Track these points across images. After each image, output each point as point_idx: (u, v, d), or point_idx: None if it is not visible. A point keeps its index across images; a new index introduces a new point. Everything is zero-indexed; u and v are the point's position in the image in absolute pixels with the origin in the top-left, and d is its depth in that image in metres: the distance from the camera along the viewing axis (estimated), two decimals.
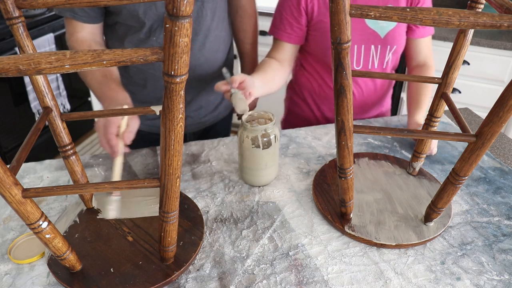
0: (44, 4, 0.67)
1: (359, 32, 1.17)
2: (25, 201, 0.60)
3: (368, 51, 1.20)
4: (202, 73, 1.16)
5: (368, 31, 1.18)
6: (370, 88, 1.27)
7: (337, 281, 0.74)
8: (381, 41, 1.19)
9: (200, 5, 1.06)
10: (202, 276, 0.75)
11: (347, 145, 0.73)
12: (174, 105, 0.54)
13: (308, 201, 0.94)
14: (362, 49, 1.19)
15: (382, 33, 1.18)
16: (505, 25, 0.53)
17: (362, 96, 1.27)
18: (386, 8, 0.55)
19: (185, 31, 0.46)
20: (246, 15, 1.26)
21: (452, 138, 0.73)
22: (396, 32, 1.19)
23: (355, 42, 1.18)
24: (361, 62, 1.21)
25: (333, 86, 0.67)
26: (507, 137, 1.20)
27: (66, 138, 0.80)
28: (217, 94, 1.26)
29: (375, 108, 1.34)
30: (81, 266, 0.75)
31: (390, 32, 1.18)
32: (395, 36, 1.19)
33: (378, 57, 1.22)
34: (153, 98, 1.16)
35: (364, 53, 1.21)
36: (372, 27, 1.17)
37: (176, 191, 0.64)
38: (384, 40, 1.19)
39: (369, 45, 1.19)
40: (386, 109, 1.39)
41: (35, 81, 0.74)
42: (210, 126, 1.32)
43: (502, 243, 0.83)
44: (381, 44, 1.20)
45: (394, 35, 1.19)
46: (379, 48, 1.20)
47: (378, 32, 1.18)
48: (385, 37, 1.18)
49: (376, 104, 1.33)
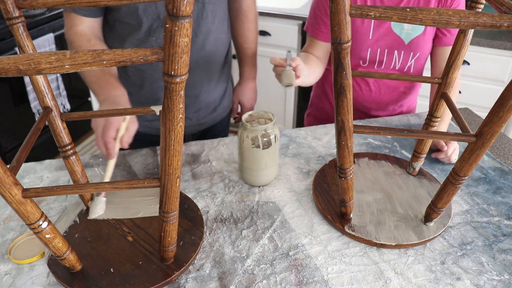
0: (44, 4, 0.67)
1: (382, 36, 1.18)
2: (25, 201, 0.60)
3: (391, 56, 1.21)
4: (201, 75, 1.16)
5: (393, 36, 1.18)
6: (389, 85, 1.28)
7: (337, 281, 0.74)
8: (405, 47, 1.20)
9: (201, 6, 1.06)
10: (202, 276, 0.75)
11: (347, 145, 0.73)
12: (174, 105, 0.54)
13: (308, 201, 0.94)
14: (385, 53, 1.20)
15: (407, 40, 1.19)
16: (505, 25, 0.53)
17: (379, 92, 1.29)
18: (386, 8, 0.55)
19: (185, 31, 0.46)
20: (247, 20, 1.25)
21: (452, 138, 0.73)
22: (421, 40, 1.19)
23: (378, 46, 1.19)
24: (382, 65, 1.22)
25: (333, 86, 0.68)
26: (507, 137, 1.20)
27: (66, 138, 0.80)
28: (216, 96, 1.25)
29: (392, 107, 1.34)
30: (81, 266, 0.75)
31: (414, 39, 1.19)
32: (419, 44, 1.19)
33: (400, 62, 1.23)
34: (150, 98, 1.16)
35: (387, 58, 1.22)
36: (397, 32, 1.18)
37: (176, 191, 0.64)
38: (407, 47, 1.20)
39: (392, 50, 1.21)
40: (406, 109, 1.39)
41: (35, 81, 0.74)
42: (209, 128, 1.32)
43: (502, 243, 0.83)
44: (404, 50, 1.20)
45: (418, 43, 1.19)
46: (402, 54, 1.21)
47: (402, 38, 1.19)
48: (409, 43, 1.19)
49: (393, 103, 1.33)
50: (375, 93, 1.29)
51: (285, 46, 2.47)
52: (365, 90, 1.29)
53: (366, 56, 1.22)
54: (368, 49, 1.20)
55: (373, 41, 1.19)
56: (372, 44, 1.19)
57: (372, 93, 1.28)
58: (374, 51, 1.20)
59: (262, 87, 2.71)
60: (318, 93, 1.42)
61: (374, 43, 1.19)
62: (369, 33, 1.18)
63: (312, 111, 1.48)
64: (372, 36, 1.18)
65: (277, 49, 2.50)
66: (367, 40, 1.18)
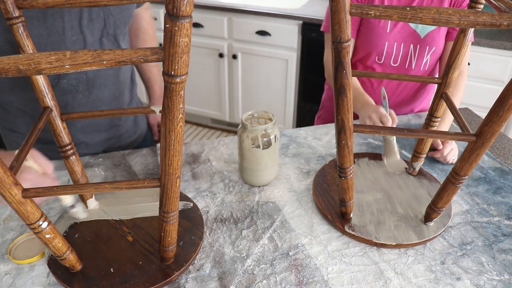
0: (44, 4, 0.67)
1: (399, 30, 1.18)
2: (25, 201, 0.60)
3: (407, 50, 1.21)
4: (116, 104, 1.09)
5: (409, 30, 1.19)
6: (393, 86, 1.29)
7: (337, 281, 0.74)
8: (421, 41, 1.20)
9: (112, 39, 0.99)
10: (202, 276, 0.75)
11: (347, 145, 0.73)
12: (174, 105, 0.54)
13: (308, 201, 0.94)
14: (401, 47, 1.21)
15: (422, 33, 1.19)
16: (504, 24, 0.53)
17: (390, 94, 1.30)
18: (386, 7, 0.55)
19: (185, 31, 0.46)
20: (148, 37, 1.22)
21: (452, 137, 0.73)
22: (436, 34, 1.19)
23: (394, 40, 1.20)
24: (398, 60, 1.23)
25: (334, 85, 0.68)
26: (507, 137, 1.20)
27: (66, 138, 0.80)
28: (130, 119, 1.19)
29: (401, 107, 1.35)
30: (81, 266, 0.75)
31: (430, 33, 1.19)
32: (434, 37, 1.20)
33: (416, 57, 1.23)
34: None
35: (403, 52, 1.22)
36: (413, 26, 1.19)
37: (176, 191, 0.64)
38: (423, 41, 1.20)
39: (408, 44, 1.21)
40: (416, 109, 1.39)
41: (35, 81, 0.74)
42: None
43: (502, 243, 0.83)
44: (420, 44, 1.21)
45: (433, 36, 1.20)
46: (418, 48, 1.21)
47: (418, 32, 1.19)
48: (425, 37, 1.19)
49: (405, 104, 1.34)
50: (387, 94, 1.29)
51: (285, 46, 2.48)
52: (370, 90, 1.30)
53: (383, 51, 1.22)
54: (386, 43, 1.21)
55: (391, 35, 1.19)
56: (390, 38, 1.20)
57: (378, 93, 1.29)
58: (391, 45, 1.21)
59: (262, 87, 2.72)
60: (330, 95, 1.41)
61: (392, 37, 1.20)
62: (386, 27, 1.19)
63: (323, 113, 1.47)
64: (390, 30, 1.19)
65: (277, 49, 2.51)
66: (384, 34, 1.19)
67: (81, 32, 0.91)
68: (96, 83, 1.00)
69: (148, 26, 1.22)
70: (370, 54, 1.25)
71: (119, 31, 1.00)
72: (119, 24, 0.99)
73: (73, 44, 0.91)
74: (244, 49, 2.61)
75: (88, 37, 0.92)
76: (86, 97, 1.00)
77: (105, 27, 0.95)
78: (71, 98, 0.98)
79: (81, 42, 0.92)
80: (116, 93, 1.07)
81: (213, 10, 2.55)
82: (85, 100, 1.00)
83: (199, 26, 2.64)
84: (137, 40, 1.21)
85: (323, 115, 1.47)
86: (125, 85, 1.11)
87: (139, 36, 1.21)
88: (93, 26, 0.93)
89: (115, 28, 0.98)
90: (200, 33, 2.66)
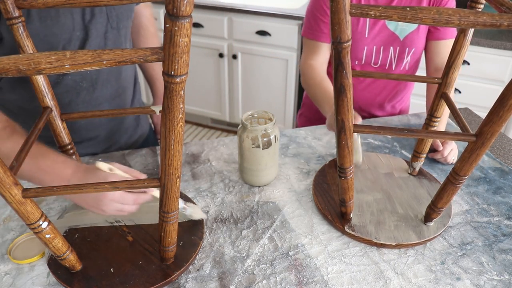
0: (44, 4, 0.67)
1: (378, 33, 1.18)
2: (25, 201, 0.60)
3: (387, 53, 1.21)
4: (119, 101, 1.09)
5: (388, 32, 1.19)
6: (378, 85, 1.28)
7: (337, 281, 0.74)
8: (400, 43, 1.20)
9: (116, 33, 1.00)
10: (202, 276, 0.75)
11: (347, 145, 0.73)
12: (174, 105, 0.54)
13: (308, 201, 0.94)
14: (381, 50, 1.20)
15: (402, 35, 1.19)
16: (505, 24, 0.53)
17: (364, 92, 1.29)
18: (386, 8, 0.55)
19: (185, 31, 0.46)
20: (149, 34, 1.22)
21: (452, 137, 0.73)
22: (416, 35, 1.19)
23: (374, 44, 1.19)
24: (379, 62, 1.22)
25: (334, 86, 0.67)
26: (507, 137, 1.20)
27: (66, 138, 0.80)
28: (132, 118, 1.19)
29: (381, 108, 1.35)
30: (81, 266, 0.75)
31: (409, 34, 1.19)
32: (414, 39, 1.20)
33: (396, 59, 1.23)
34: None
35: (383, 55, 1.22)
36: (392, 29, 1.18)
37: (176, 191, 0.64)
38: (403, 43, 1.20)
39: (388, 47, 1.20)
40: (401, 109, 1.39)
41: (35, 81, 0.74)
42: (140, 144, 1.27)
43: (502, 243, 0.83)
44: (400, 46, 1.20)
45: (413, 38, 1.19)
46: (397, 50, 1.21)
47: (397, 34, 1.19)
48: (404, 39, 1.19)
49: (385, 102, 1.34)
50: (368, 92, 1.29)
51: (285, 46, 2.47)
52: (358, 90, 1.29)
53: (363, 56, 1.21)
54: (365, 48, 1.20)
55: (369, 40, 1.19)
56: (369, 42, 1.19)
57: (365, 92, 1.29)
58: (370, 49, 1.20)
59: (262, 87, 2.71)
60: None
61: (371, 41, 1.19)
62: (365, 32, 1.18)
63: (305, 111, 1.47)
64: (368, 34, 1.18)
65: (277, 49, 2.50)
66: (363, 38, 1.19)
67: (84, 28, 0.91)
68: (99, 79, 1.00)
69: (149, 24, 1.22)
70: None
71: (122, 24, 1.01)
72: (121, 18, 1.00)
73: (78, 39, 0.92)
74: (244, 49, 2.61)
75: (92, 32, 0.93)
76: (90, 93, 1.00)
77: (108, 21, 0.96)
78: (75, 95, 0.98)
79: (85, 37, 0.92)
80: (120, 90, 1.08)
81: (213, 10, 2.55)
82: (89, 97, 1.01)
83: (199, 26, 2.64)
84: (139, 37, 1.22)
85: (305, 113, 1.47)
86: (128, 82, 1.11)
87: (140, 33, 1.21)
88: (96, 20, 0.93)
89: (118, 22, 0.99)
90: (200, 33, 2.66)
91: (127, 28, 1.04)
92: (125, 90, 1.10)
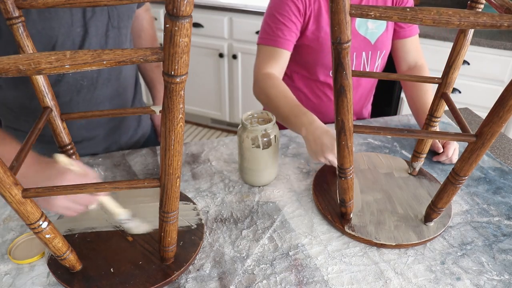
0: (44, 4, 0.67)
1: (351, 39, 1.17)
2: (25, 201, 0.60)
3: (360, 58, 1.20)
4: (120, 101, 1.10)
5: (360, 38, 1.17)
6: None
7: (337, 281, 0.74)
8: (372, 47, 1.19)
9: (117, 32, 1.00)
10: (202, 276, 0.75)
11: (347, 145, 0.73)
12: (174, 105, 0.54)
13: (308, 201, 0.94)
14: (353, 56, 1.19)
15: (373, 39, 1.18)
16: (505, 24, 0.53)
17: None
18: (386, 8, 0.55)
19: (185, 31, 0.46)
20: (149, 37, 1.23)
21: (452, 138, 0.73)
22: (385, 37, 1.19)
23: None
24: (352, 68, 1.21)
25: (333, 86, 0.68)
26: (507, 137, 1.20)
27: (66, 138, 0.80)
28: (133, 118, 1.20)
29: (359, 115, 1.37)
30: (81, 266, 0.75)
31: (379, 37, 1.18)
32: (384, 41, 1.19)
33: (369, 63, 1.22)
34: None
35: (356, 61, 1.21)
36: (362, 33, 1.17)
37: (176, 191, 0.64)
38: (374, 46, 1.19)
39: (360, 52, 1.19)
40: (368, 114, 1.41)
41: (35, 81, 0.74)
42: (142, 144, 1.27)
43: (502, 243, 0.83)
44: (371, 50, 1.20)
45: (383, 40, 1.19)
46: (370, 54, 1.20)
47: (368, 38, 1.18)
48: (376, 43, 1.19)
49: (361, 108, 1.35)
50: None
51: None
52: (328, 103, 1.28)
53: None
54: None
55: None
56: None
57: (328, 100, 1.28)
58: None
59: None
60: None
61: None
62: None
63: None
64: None
65: None
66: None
67: (84, 24, 0.92)
68: (100, 78, 1.01)
69: (149, 26, 1.24)
70: (321, 70, 1.21)
71: (123, 24, 1.01)
72: (122, 17, 1.00)
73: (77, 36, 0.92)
74: (244, 49, 2.61)
75: (91, 29, 0.93)
76: (90, 91, 1.01)
77: (109, 20, 0.97)
78: (76, 93, 0.99)
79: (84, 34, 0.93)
80: (120, 89, 1.08)
81: (213, 10, 2.55)
82: (90, 96, 1.01)
83: (199, 26, 2.64)
84: (139, 40, 1.23)
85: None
86: (129, 81, 1.12)
87: (141, 36, 1.23)
88: (96, 18, 0.93)
89: (119, 21, 0.99)
90: (200, 33, 2.66)
91: (128, 27, 1.05)
92: (125, 89, 1.10)
